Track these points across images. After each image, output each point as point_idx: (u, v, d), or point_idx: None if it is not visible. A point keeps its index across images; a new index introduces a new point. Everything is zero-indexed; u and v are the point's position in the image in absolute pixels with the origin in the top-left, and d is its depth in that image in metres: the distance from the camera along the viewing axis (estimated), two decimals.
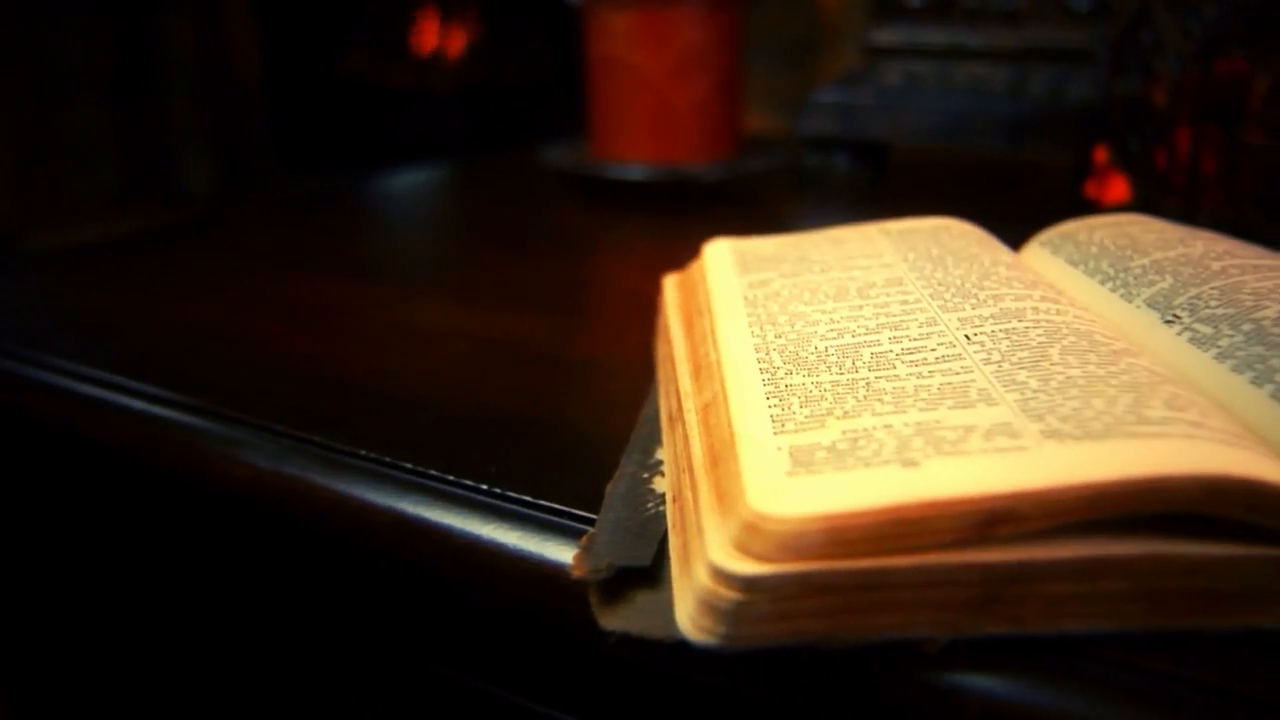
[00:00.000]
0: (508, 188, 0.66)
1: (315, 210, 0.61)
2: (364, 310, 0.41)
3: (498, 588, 0.26)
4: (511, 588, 0.25)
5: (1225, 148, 0.45)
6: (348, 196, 0.64)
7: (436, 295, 0.43)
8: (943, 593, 0.19)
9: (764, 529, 0.19)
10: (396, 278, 0.46)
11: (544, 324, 0.39)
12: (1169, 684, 0.20)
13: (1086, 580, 0.19)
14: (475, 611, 0.27)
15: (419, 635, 0.29)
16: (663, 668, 0.23)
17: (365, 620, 0.30)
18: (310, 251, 0.51)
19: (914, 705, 0.20)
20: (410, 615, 0.29)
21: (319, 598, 0.31)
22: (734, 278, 0.32)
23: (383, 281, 0.45)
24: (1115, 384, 0.22)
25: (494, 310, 0.40)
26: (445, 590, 0.27)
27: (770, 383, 0.24)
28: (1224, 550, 0.19)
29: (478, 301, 0.42)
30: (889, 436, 0.21)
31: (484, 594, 0.26)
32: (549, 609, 0.25)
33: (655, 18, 0.52)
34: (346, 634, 0.31)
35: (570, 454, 0.29)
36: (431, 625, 0.28)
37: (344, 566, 0.29)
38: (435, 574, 0.27)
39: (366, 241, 0.53)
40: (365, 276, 0.46)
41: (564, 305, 0.42)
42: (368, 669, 0.31)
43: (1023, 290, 0.27)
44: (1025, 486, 0.19)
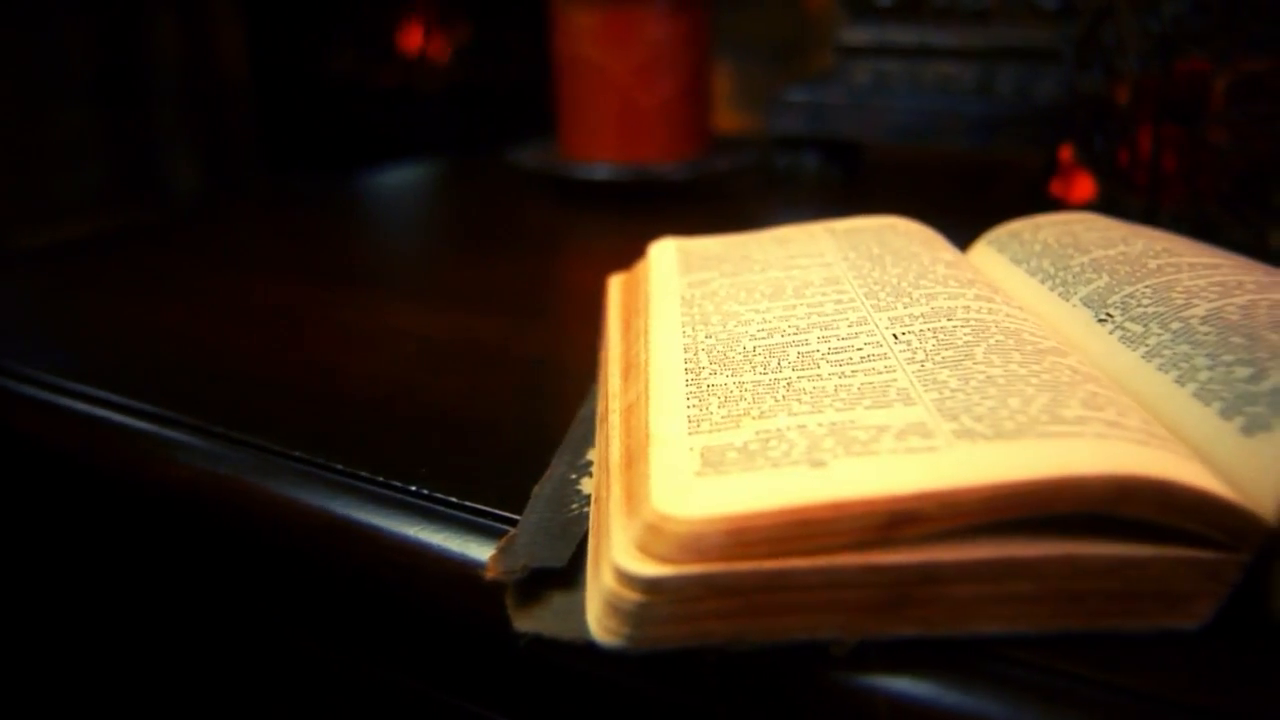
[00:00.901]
0: (479, 189, 0.66)
1: (283, 211, 0.61)
2: (318, 312, 0.40)
3: (424, 589, 0.25)
4: (437, 589, 0.25)
5: (1186, 146, 0.45)
6: (318, 197, 0.64)
7: (393, 296, 0.43)
8: (849, 595, 0.19)
9: (665, 530, 0.19)
10: (355, 279, 0.45)
11: (497, 324, 0.38)
12: (1081, 686, 0.19)
13: (996, 582, 0.19)
14: (405, 612, 0.27)
15: (352, 635, 0.29)
16: (583, 669, 0.23)
17: (299, 620, 0.30)
18: (272, 253, 0.51)
19: (823, 706, 0.20)
20: (342, 616, 0.28)
21: (255, 598, 0.31)
22: (675, 277, 0.31)
23: (341, 283, 0.44)
24: (1035, 383, 0.22)
25: (449, 311, 0.40)
26: (375, 591, 0.27)
27: (693, 383, 0.24)
28: (1136, 551, 0.19)
29: (434, 302, 0.42)
30: (801, 437, 0.21)
31: (411, 595, 0.26)
32: (471, 610, 0.24)
33: (620, 17, 0.52)
34: (282, 633, 0.31)
35: (506, 455, 0.29)
36: (364, 625, 0.28)
37: (277, 567, 0.29)
38: (364, 575, 0.27)
39: (330, 243, 0.53)
40: (324, 278, 0.45)
41: (519, 305, 0.41)
42: (302, 668, 0.31)
43: (957, 289, 0.27)
44: (929, 487, 0.18)
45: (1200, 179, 0.45)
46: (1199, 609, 0.20)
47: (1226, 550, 0.19)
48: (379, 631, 0.28)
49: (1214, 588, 0.20)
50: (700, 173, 0.55)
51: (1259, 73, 0.43)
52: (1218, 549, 0.19)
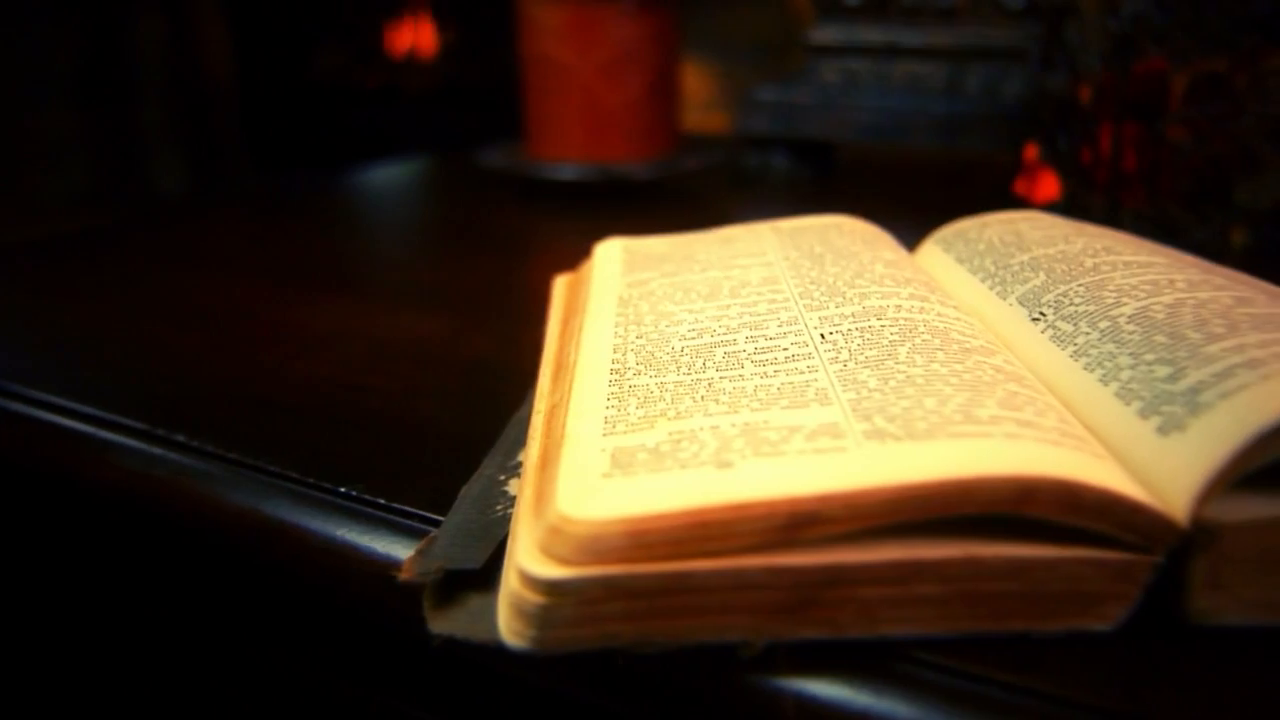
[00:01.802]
0: (450, 189, 0.66)
1: (252, 212, 0.61)
2: (267, 312, 0.40)
3: (352, 590, 0.25)
4: (364, 590, 0.25)
5: (1147, 145, 0.45)
6: (289, 198, 0.64)
7: (345, 296, 0.42)
8: (753, 597, 0.19)
9: (566, 531, 0.19)
10: (310, 279, 0.45)
11: (446, 324, 0.38)
12: (991, 688, 0.19)
13: (902, 584, 0.19)
14: (333, 613, 0.27)
15: (283, 636, 0.28)
16: (505, 670, 0.23)
17: (233, 621, 0.30)
18: (232, 253, 0.50)
19: (731, 708, 0.20)
20: (274, 617, 0.28)
21: (189, 599, 0.30)
22: (617, 277, 0.31)
23: (295, 283, 0.44)
24: (955, 383, 0.22)
25: (400, 311, 0.40)
26: (304, 592, 0.27)
27: (616, 383, 0.24)
28: (1042, 552, 0.19)
29: (389, 303, 0.41)
30: (713, 437, 0.20)
31: (339, 596, 0.26)
32: (397, 611, 0.24)
33: (585, 16, 0.51)
34: (217, 634, 0.31)
35: (442, 456, 0.28)
36: (294, 626, 0.28)
37: (209, 568, 0.29)
38: (293, 576, 0.26)
39: (294, 244, 0.52)
40: (282, 278, 0.45)
41: (473, 305, 0.41)
42: (235, 667, 0.31)
43: (892, 288, 0.27)
44: (832, 489, 0.18)
45: (1161, 178, 0.45)
46: (1111, 611, 0.20)
47: (1137, 551, 0.19)
48: (309, 632, 0.28)
49: (1125, 589, 0.20)
50: (667, 172, 0.55)
51: (1217, 72, 0.43)
52: (1128, 550, 0.19)
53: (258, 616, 0.29)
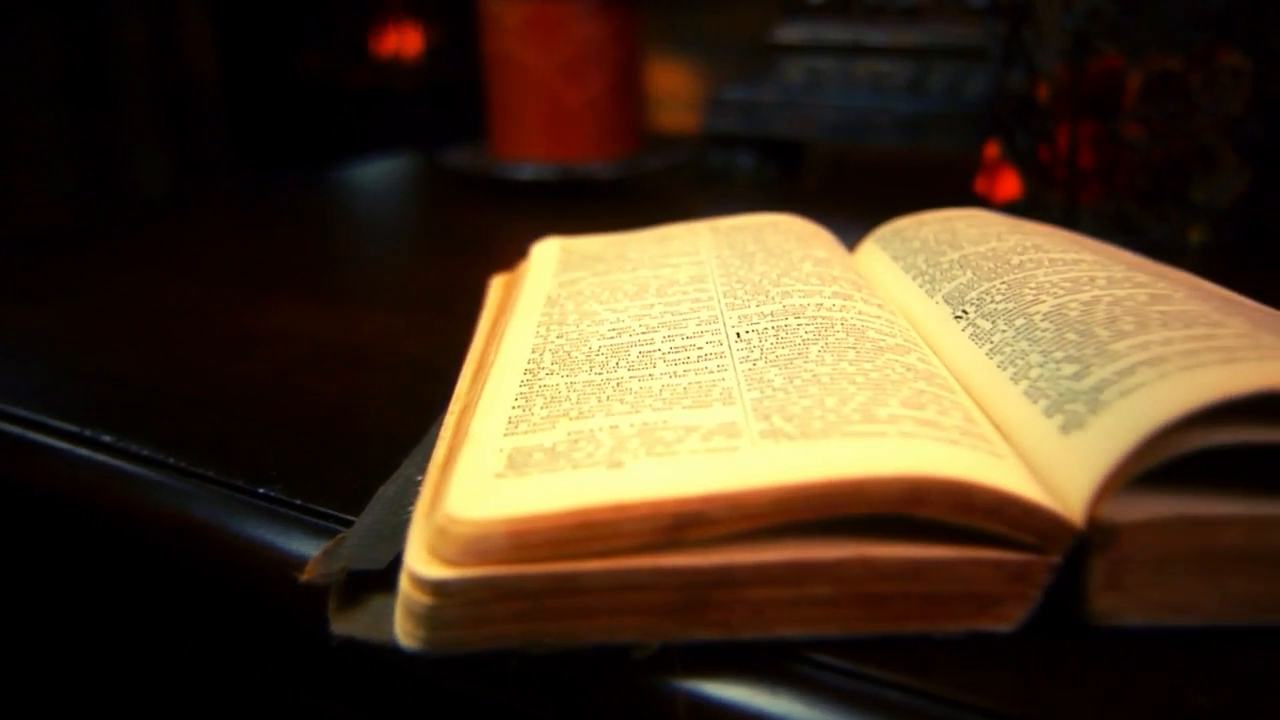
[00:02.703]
0: (418, 189, 0.66)
1: (214, 212, 0.61)
2: (213, 314, 0.40)
3: (269, 591, 0.25)
4: (281, 591, 0.25)
5: (1103, 143, 0.45)
6: (254, 198, 0.63)
7: (297, 296, 0.42)
8: (643, 598, 0.19)
9: (452, 532, 0.18)
10: (263, 280, 0.45)
11: (391, 325, 0.38)
12: (888, 690, 0.19)
13: (794, 584, 0.19)
14: (256, 614, 0.26)
15: (208, 636, 0.28)
16: (412, 670, 0.23)
17: (161, 622, 0.29)
18: (187, 254, 0.50)
19: (624, 708, 0.20)
20: (199, 617, 0.28)
21: (118, 600, 0.30)
22: (549, 277, 0.31)
23: (246, 284, 0.44)
24: (860, 381, 0.21)
25: (348, 311, 0.40)
26: (225, 593, 0.26)
27: (527, 383, 0.24)
28: (936, 553, 0.19)
29: (336, 302, 0.41)
30: (610, 437, 0.20)
31: (258, 597, 0.26)
32: (309, 611, 0.24)
33: (545, 15, 0.51)
34: (143, 634, 0.31)
35: (369, 456, 0.28)
36: (220, 627, 0.28)
37: (135, 569, 0.29)
38: (214, 577, 0.26)
39: (249, 244, 0.52)
40: (232, 279, 0.45)
41: (421, 305, 0.41)
42: (162, 669, 0.31)
43: (817, 286, 0.27)
44: (717, 489, 0.18)
45: (1118, 176, 0.45)
46: (1011, 612, 0.19)
47: (1034, 552, 0.19)
48: (231, 632, 0.27)
49: (1024, 590, 0.19)
50: (629, 172, 0.55)
51: (1171, 70, 0.43)
52: (1026, 551, 0.19)
53: (183, 617, 0.29)
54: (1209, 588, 0.20)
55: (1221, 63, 0.42)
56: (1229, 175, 0.45)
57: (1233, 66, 0.43)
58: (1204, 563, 0.19)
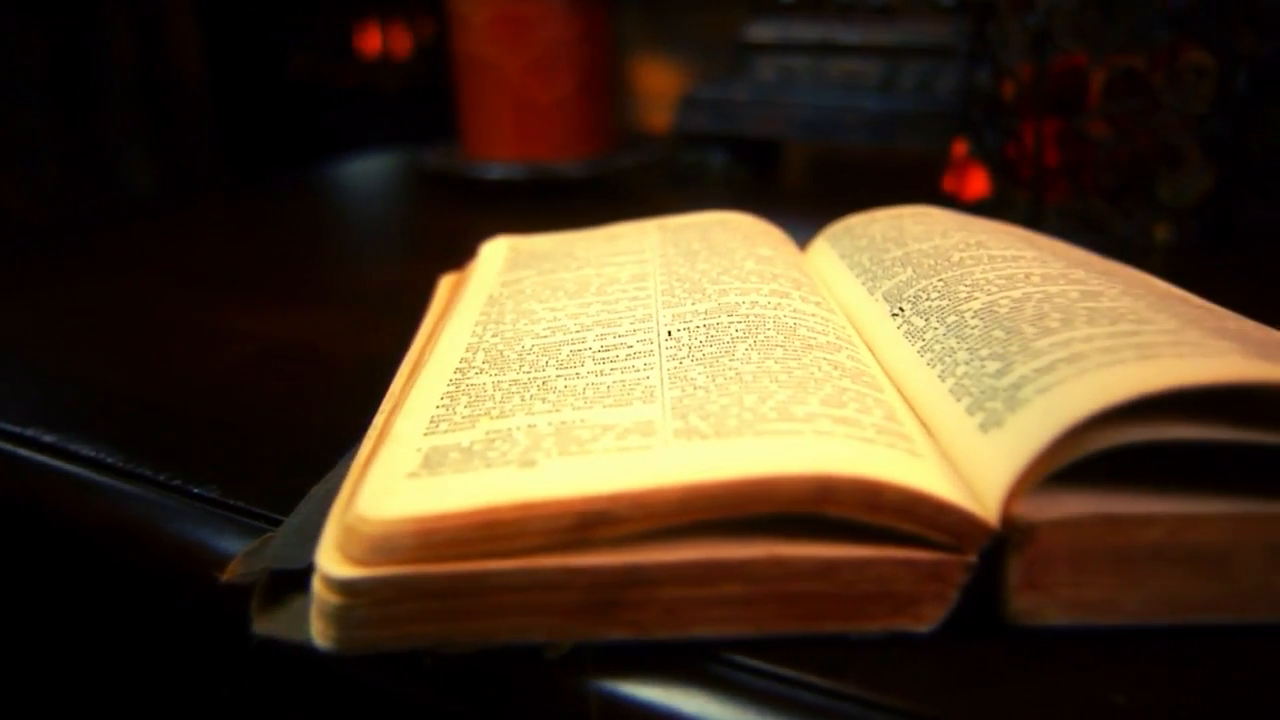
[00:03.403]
0: (394, 188, 0.66)
1: (186, 212, 0.61)
2: (172, 314, 0.40)
3: (199, 591, 0.25)
4: (212, 591, 0.25)
5: (1068, 141, 0.44)
6: (230, 197, 0.63)
7: (257, 297, 0.42)
8: (552, 597, 0.18)
9: (359, 531, 0.18)
10: (226, 280, 0.45)
11: (347, 324, 0.38)
12: (804, 691, 0.19)
13: (705, 584, 0.19)
14: (186, 614, 0.26)
15: (141, 636, 0.28)
16: (333, 670, 0.23)
17: (101, 623, 0.29)
18: (155, 254, 0.50)
19: (537, 708, 0.19)
20: (131, 616, 0.28)
21: (59, 600, 0.30)
22: (494, 276, 0.31)
23: (211, 284, 0.44)
24: (783, 380, 0.21)
25: (306, 311, 0.40)
26: (162, 593, 0.26)
27: (455, 382, 0.23)
28: (850, 552, 0.18)
29: (293, 303, 0.41)
30: (526, 436, 0.20)
31: (193, 597, 0.25)
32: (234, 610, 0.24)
33: (512, 14, 0.51)
34: (85, 635, 0.30)
35: (309, 457, 0.28)
36: (160, 627, 0.28)
37: (75, 570, 0.28)
38: (152, 577, 0.26)
39: (219, 244, 0.52)
40: (196, 279, 0.45)
41: (378, 306, 0.41)
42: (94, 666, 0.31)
43: (755, 284, 0.27)
44: (623, 488, 0.18)
45: (1084, 173, 0.45)
46: (928, 611, 0.19)
47: (950, 551, 0.19)
48: (164, 632, 0.27)
49: (940, 590, 0.19)
50: (599, 171, 0.55)
51: (1135, 68, 0.42)
52: (941, 550, 0.19)
53: (119, 618, 0.28)
54: (1130, 587, 0.19)
55: (1185, 61, 0.42)
56: (1194, 173, 0.45)
57: (1196, 65, 0.42)
58: (1124, 562, 0.19)
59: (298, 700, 0.26)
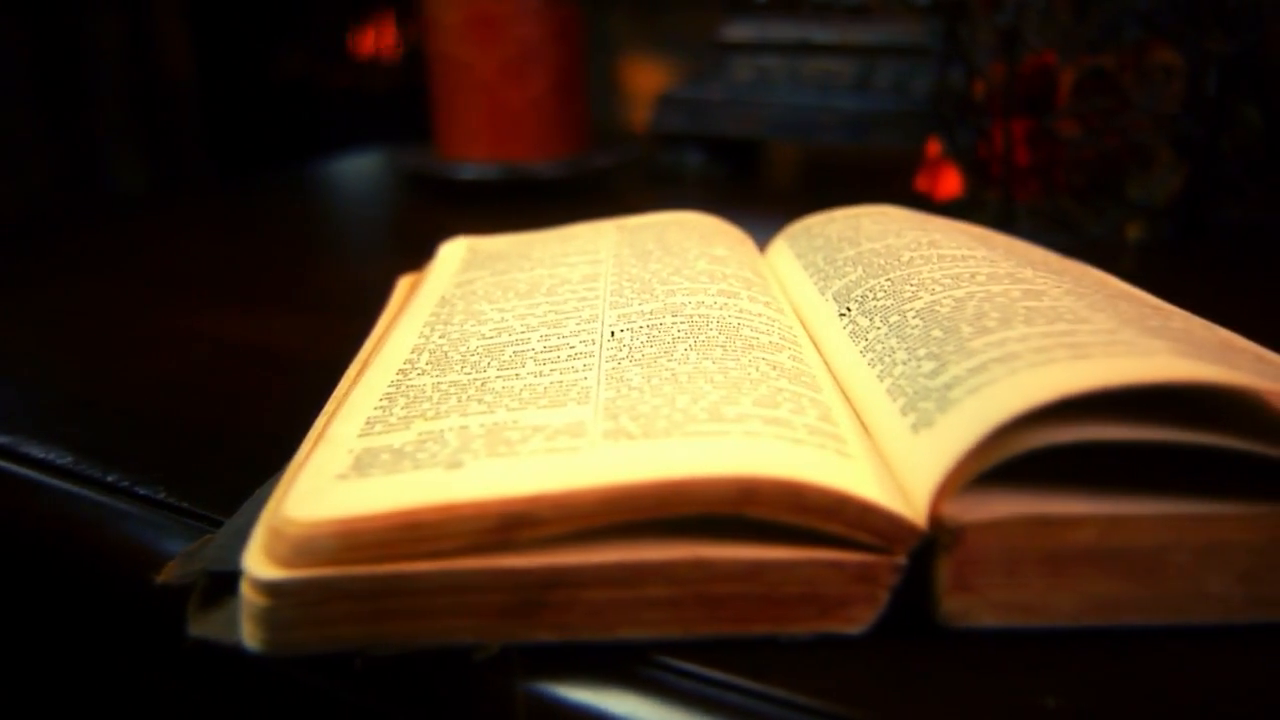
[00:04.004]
0: (367, 188, 0.66)
1: (163, 212, 0.60)
2: (129, 316, 0.40)
3: (143, 592, 0.25)
4: (154, 592, 0.25)
5: (1038, 140, 0.44)
6: (208, 197, 0.63)
7: (221, 298, 0.42)
8: (476, 599, 0.18)
9: (284, 533, 0.18)
10: (190, 282, 0.45)
11: (307, 325, 0.38)
12: (729, 693, 0.19)
13: (629, 586, 0.18)
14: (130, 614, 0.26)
15: (90, 635, 0.28)
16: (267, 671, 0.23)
17: (45, 623, 0.29)
18: (120, 256, 0.50)
19: (465, 709, 0.19)
20: (79, 617, 0.28)
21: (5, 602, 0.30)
22: (449, 276, 0.31)
23: (173, 286, 0.44)
24: (719, 380, 0.21)
25: (268, 312, 0.40)
26: (100, 591, 0.26)
27: (396, 384, 0.23)
28: (775, 554, 0.18)
29: (253, 305, 0.41)
30: (457, 438, 0.20)
31: (132, 598, 0.25)
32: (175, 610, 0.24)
33: (484, 14, 0.51)
34: (30, 636, 0.30)
35: (257, 458, 0.28)
36: (99, 628, 0.28)
37: (20, 569, 0.28)
38: (89, 576, 0.26)
39: (187, 245, 0.52)
40: (159, 281, 0.45)
41: (339, 306, 0.41)
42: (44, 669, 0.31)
43: (704, 284, 0.27)
44: (545, 489, 0.18)
45: (1054, 173, 0.45)
46: (859, 613, 0.19)
47: (880, 553, 0.19)
48: (110, 633, 0.27)
49: (870, 591, 0.19)
50: (573, 171, 0.55)
51: (1105, 67, 0.42)
52: (870, 552, 0.19)
53: (66, 619, 0.28)
54: (1062, 589, 0.19)
55: (1154, 60, 0.42)
56: (1165, 172, 0.44)
57: (1165, 64, 0.42)
58: (1055, 564, 0.19)
59: (244, 701, 0.26)
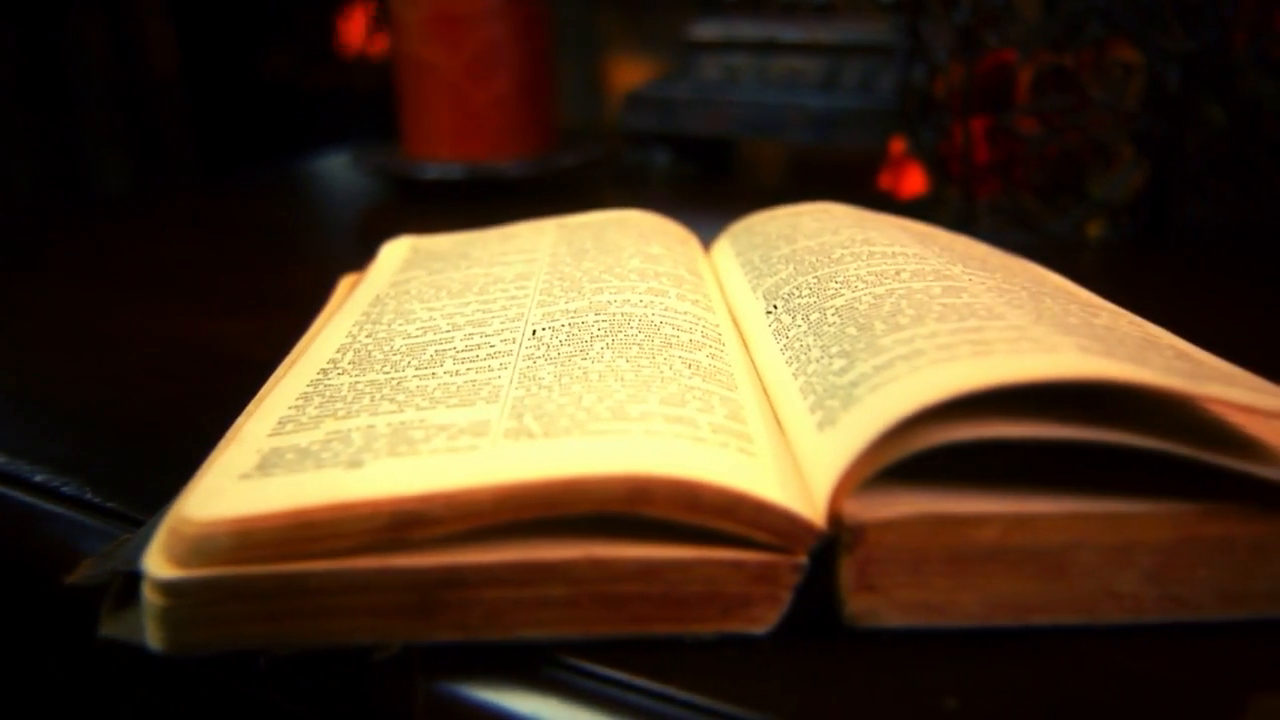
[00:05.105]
0: (340, 188, 0.65)
1: (128, 214, 0.60)
2: (78, 316, 0.40)
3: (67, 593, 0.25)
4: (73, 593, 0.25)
5: (999, 138, 0.44)
6: (171, 198, 0.63)
7: (173, 300, 0.42)
8: (374, 599, 0.18)
9: (180, 532, 0.18)
10: (149, 283, 0.44)
11: (254, 326, 0.38)
12: (629, 693, 0.19)
13: (526, 585, 0.18)
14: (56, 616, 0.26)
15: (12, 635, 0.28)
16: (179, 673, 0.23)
17: None
18: (80, 256, 0.50)
19: (365, 709, 0.19)
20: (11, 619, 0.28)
21: None
22: (387, 276, 0.31)
23: (128, 286, 0.44)
24: (629, 379, 0.21)
25: (220, 314, 0.39)
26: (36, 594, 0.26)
27: (315, 383, 0.23)
28: (671, 553, 0.18)
29: (206, 305, 0.41)
30: (363, 437, 0.20)
31: (51, 599, 0.25)
32: None
33: (447, 13, 0.51)
34: None
35: (187, 460, 0.28)
36: (21, 628, 0.28)
37: None
38: (26, 577, 0.26)
39: (150, 245, 0.52)
40: (115, 281, 0.45)
41: (290, 307, 0.40)
42: None
43: (634, 282, 0.26)
44: (436, 488, 0.18)
45: (1015, 171, 0.45)
46: (761, 613, 0.19)
47: (781, 552, 0.19)
48: (30, 632, 0.27)
49: (772, 591, 0.19)
50: (539, 170, 0.55)
51: (1063, 65, 0.42)
52: (770, 551, 0.19)
53: None
54: (967, 589, 0.19)
55: (1113, 58, 0.42)
56: (1126, 170, 0.44)
57: (1124, 61, 0.42)
58: (959, 563, 0.19)
59: (161, 702, 0.26)
